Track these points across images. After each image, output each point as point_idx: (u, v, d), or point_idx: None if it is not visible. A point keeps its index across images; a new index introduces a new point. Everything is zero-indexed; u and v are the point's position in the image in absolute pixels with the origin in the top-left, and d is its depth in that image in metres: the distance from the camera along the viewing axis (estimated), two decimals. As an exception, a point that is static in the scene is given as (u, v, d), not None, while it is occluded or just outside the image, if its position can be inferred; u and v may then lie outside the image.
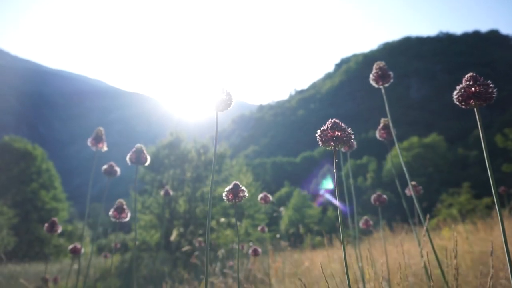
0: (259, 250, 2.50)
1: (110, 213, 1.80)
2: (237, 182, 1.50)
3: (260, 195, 2.49)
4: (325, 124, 1.15)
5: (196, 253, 5.66)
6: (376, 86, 1.77)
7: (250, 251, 2.65)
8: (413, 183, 2.37)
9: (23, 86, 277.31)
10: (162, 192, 3.45)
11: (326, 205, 40.04)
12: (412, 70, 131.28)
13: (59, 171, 30.76)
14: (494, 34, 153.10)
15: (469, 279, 2.75)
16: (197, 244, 5.57)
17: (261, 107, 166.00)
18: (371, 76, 1.75)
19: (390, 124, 1.80)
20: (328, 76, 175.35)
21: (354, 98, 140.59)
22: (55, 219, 2.16)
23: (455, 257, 1.40)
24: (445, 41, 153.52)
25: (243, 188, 1.49)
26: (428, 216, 1.94)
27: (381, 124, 2.01)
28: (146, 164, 1.64)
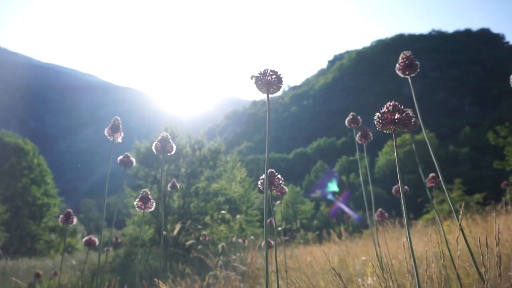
0: (272, 242, 2.49)
1: (135, 202, 1.81)
2: (273, 170, 1.39)
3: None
4: (384, 107, 1.13)
5: (199, 247, 5.71)
6: (402, 75, 1.77)
7: (263, 244, 2.64)
8: (432, 174, 2.38)
9: (13, 80, 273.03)
10: (169, 185, 3.46)
11: (319, 201, 40.28)
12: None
13: (50, 166, 30.47)
14: (485, 33, 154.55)
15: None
16: (201, 238, 5.62)
17: (254, 103, 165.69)
18: (397, 65, 1.75)
19: (419, 115, 1.84)
20: (322, 72, 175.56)
21: (347, 95, 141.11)
22: (70, 210, 2.17)
23: (497, 244, 1.38)
24: (437, 39, 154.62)
25: (279, 175, 1.40)
26: (463, 204, 1.94)
27: None
28: (172, 153, 1.63)
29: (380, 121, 1.11)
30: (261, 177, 1.36)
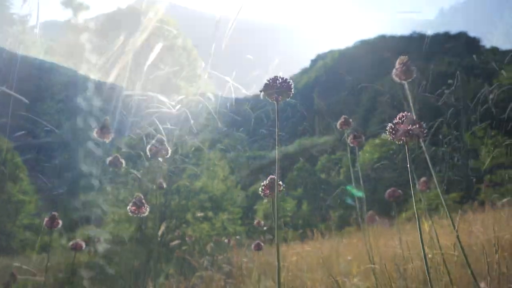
0: (262, 244, 2.46)
1: (128, 207, 1.78)
2: (273, 176, 1.34)
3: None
4: (396, 117, 1.10)
5: (185, 247, 5.63)
6: (398, 81, 1.72)
7: (253, 246, 2.60)
8: (424, 179, 2.40)
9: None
10: (157, 185, 3.37)
11: (301, 199, 40.52)
12: (386, 68, 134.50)
13: (25, 162, 29.46)
14: (462, 36, 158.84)
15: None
16: (187, 239, 5.54)
17: (237, 101, 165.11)
18: (394, 71, 1.69)
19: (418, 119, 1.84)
20: (305, 71, 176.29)
21: (330, 94, 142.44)
22: (55, 213, 2.08)
23: (496, 252, 1.37)
24: (417, 40, 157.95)
25: (280, 182, 1.35)
26: (459, 211, 1.95)
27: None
28: (167, 156, 1.57)
29: (393, 132, 1.09)
30: (262, 183, 1.31)
